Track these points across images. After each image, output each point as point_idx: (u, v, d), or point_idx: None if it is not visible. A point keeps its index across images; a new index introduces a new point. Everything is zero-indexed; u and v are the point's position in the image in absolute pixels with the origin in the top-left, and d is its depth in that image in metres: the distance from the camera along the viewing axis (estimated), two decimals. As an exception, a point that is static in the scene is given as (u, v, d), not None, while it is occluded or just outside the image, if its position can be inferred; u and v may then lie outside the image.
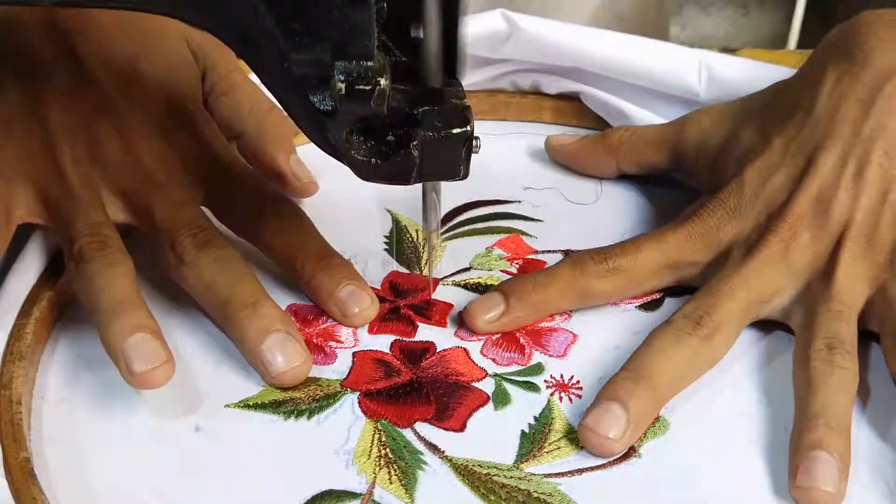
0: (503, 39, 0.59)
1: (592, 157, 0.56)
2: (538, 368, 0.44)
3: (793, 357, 0.44)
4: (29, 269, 0.45)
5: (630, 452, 0.40)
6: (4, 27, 0.49)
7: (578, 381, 0.43)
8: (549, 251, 0.51)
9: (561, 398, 0.42)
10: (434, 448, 0.40)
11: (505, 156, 0.58)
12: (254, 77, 0.55)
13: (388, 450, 0.40)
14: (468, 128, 0.39)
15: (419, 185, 0.43)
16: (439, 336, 0.45)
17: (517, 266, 0.50)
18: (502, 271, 0.49)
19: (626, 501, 0.38)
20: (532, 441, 0.40)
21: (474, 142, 0.40)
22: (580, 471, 0.39)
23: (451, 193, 0.54)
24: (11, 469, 0.36)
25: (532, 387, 0.43)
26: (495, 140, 0.58)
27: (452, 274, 0.49)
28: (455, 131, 0.39)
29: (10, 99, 0.46)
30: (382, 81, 0.35)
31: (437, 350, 0.45)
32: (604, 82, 0.59)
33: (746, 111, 0.51)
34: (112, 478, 0.38)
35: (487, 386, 0.43)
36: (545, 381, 0.43)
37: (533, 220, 0.53)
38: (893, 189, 0.45)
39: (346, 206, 0.53)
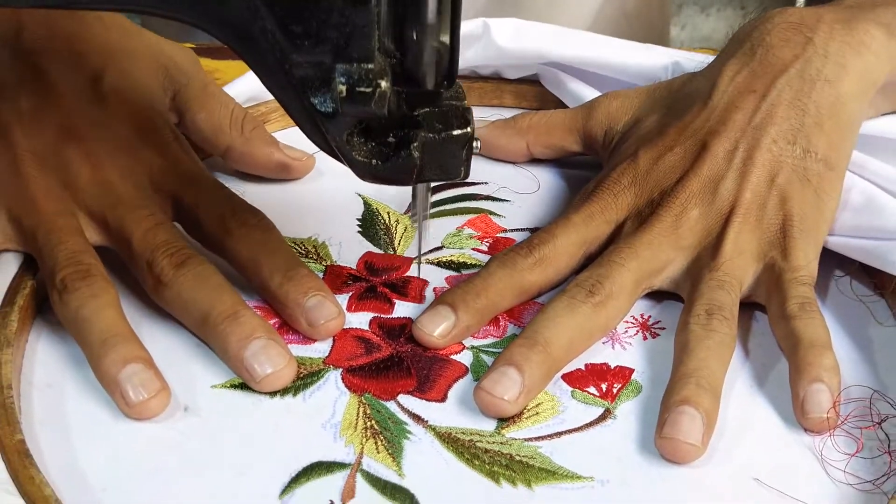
0: (468, 46, 0.60)
1: (502, 141, 0.57)
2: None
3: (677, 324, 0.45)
4: (9, 259, 0.46)
5: (606, 414, 0.42)
6: None
7: (552, 351, 0.45)
8: (517, 229, 0.53)
9: (537, 367, 0.44)
10: (418, 418, 0.41)
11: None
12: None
13: (373, 422, 0.41)
14: (468, 129, 0.40)
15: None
16: (416, 312, 0.46)
17: (488, 244, 0.51)
18: (473, 249, 0.51)
19: (602, 459, 0.40)
20: (511, 408, 0.42)
21: (474, 143, 0.40)
22: (558, 434, 0.41)
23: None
24: (7, 451, 0.37)
25: (508, 357, 0.44)
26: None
27: (426, 253, 0.50)
28: (455, 132, 0.39)
29: None
30: (383, 83, 0.35)
31: (415, 325, 0.46)
32: (567, 69, 0.61)
33: (654, 99, 0.53)
34: (104, 457, 0.39)
35: (465, 358, 0.44)
36: (521, 351, 0.45)
37: (500, 200, 0.55)
38: (781, 173, 0.47)
39: (319, 192, 0.54)
